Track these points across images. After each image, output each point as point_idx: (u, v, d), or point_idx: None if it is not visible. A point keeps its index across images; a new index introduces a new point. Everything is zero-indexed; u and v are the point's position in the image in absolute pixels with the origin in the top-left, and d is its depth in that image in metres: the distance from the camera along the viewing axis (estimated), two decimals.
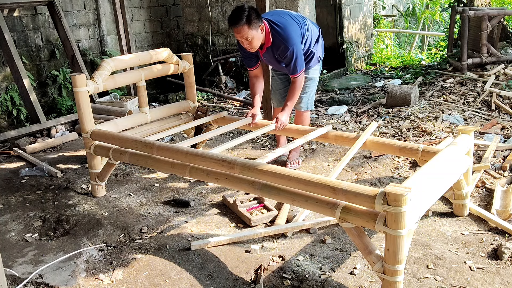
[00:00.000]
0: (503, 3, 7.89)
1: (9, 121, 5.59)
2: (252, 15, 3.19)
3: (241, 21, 3.17)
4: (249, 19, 3.17)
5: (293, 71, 3.43)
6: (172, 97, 6.57)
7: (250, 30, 3.21)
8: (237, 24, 3.18)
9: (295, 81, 3.48)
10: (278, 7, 6.66)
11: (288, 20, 3.43)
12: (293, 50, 3.33)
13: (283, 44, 3.33)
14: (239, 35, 3.24)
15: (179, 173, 3.00)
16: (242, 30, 3.20)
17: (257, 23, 3.22)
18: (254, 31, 3.23)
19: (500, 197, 3.12)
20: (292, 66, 3.39)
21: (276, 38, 3.36)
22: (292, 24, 3.42)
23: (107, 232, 3.01)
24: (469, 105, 5.21)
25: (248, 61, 3.64)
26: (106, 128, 3.46)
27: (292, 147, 3.17)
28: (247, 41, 3.27)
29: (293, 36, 3.36)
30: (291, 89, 3.51)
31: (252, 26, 3.20)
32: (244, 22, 3.17)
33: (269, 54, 3.49)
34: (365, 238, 2.21)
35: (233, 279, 2.48)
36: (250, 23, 3.18)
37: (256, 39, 3.28)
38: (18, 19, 5.70)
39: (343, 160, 2.80)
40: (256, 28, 3.23)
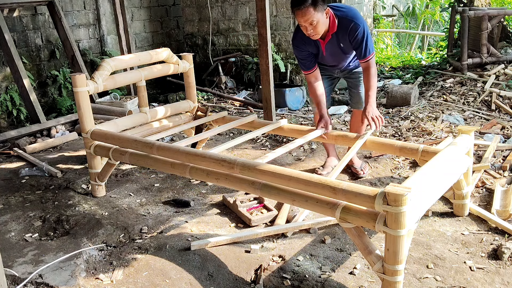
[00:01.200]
0: (503, 3, 7.88)
1: (9, 121, 5.59)
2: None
3: (306, 2, 2.88)
4: (315, 2, 2.90)
5: (365, 53, 3.11)
6: (172, 97, 6.57)
7: (316, 13, 2.92)
8: (302, 5, 2.89)
9: (369, 65, 3.15)
10: (278, 7, 6.67)
11: (350, 6, 3.24)
12: (363, 28, 3.05)
13: (352, 21, 3.05)
14: (303, 19, 2.94)
15: (179, 173, 3.00)
16: (308, 13, 2.90)
17: (322, 6, 2.95)
18: (320, 14, 2.94)
19: (500, 197, 3.12)
20: (364, 46, 3.08)
21: (342, 19, 3.08)
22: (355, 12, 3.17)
23: (107, 232, 3.01)
24: (469, 105, 5.22)
25: (306, 63, 3.31)
26: (106, 128, 3.46)
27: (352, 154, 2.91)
28: (311, 25, 2.96)
29: (359, 16, 3.10)
30: (367, 77, 3.16)
31: (318, 9, 2.92)
32: (309, 3, 2.88)
33: (332, 43, 3.19)
34: (365, 238, 2.21)
35: (233, 279, 2.48)
36: (315, 5, 2.90)
37: (321, 23, 2.99)
38: (18, 19, 5.70)
39: (344, 160, 2.80)
40: (322, 11, 2.95)
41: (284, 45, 6.80)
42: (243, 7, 7.04)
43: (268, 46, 4.42)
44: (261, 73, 4.56)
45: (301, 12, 2.92)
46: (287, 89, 5.89)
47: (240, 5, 7.06)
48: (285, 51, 6.81)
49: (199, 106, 4.11)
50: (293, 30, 6.65)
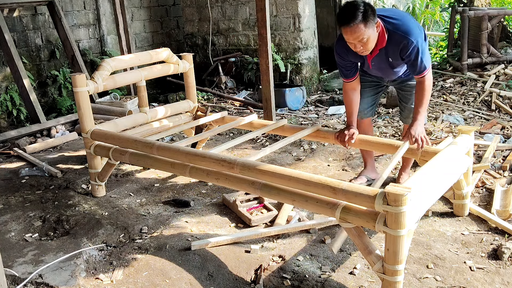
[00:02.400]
0: (503, 3, 7.89)
1: (9, 121, 5.59)
2: (369, 11, 2.62)
3: (356, 19, 2.59)
4: (365, 15, 2.60)
5: (420, 69, 2.81)
6: (172, 97, 6.57)
7: (367, 29, 2.63)
8: (352, 22, 2.60)
9: (424, 81, 2.85)
10: (278, 7, 6.67)
11: (403, 14, 2.92)
12: (417, 43, 2.74)
13: (405, 38, 2.74)
14: (352, 36, 2.66)
15: (179, 173, 3.00)
16: (358, 30, 2.62)
17: (373, 20, 2.65)
18: (371, 30, 2.66)
19: (500, 197, 3.12)
20: (419, 63, 2.78)
21: (394, 34, 2.77)
22: (409, 16, 2.89)
23: (107, 232, 3.01)
24: (469, 105, 5.22)
25: (346, 71, 3.05)
26: (106, 128, 3.46)
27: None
28: (361, 43, 2.69)
29: (414, 27, 2.78)
30: (420, 92, 2.87)
31: (368, 24, 2.63)
32: (360, 20, 2.59)
33: (380, 58, 2.91)
34: (365, 238, 2.21)
35: (233, 279, 2.48)
36: (366, 21, 2.61)
37: (372, 39, 2.71)
38: (18, 19, 5.70)
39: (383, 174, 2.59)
40: (373, 26, 2.66)
41: (284, 45, 6.80)
42: (243, 7, 7.04)
43: (268, 46, 4.43)
44: (261, 73, 4.56)
45: (350, 30, 2.63)
46: (287, 89, 5.89)
47: (240, 5, 7.06)
48: (285, 51, 6.81)
49: (199, 106, 4.11)
50: (293, 30, 6.65)
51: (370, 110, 3.36)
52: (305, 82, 6.75)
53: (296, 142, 4.41)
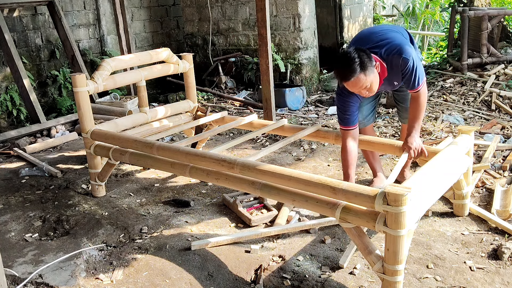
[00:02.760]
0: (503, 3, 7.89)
1: (9, 121, 5.59)
2: (364, 58, 2.55)
3: (355, 72, 2.53)
4: (362, 65, 2.54)
5: (414, 84, 2.78)
6: (172, 97, 6.57)
7: (368, 77, 2.58)
8: (351, 77, 2.54)
9: (419, 96, 2.83)
10: (278, 7, 6.67)
11: (388, 33, 2.87)
12: (411, 59, 2.72)
13: (400, 57, 2.72)
14: (356, 88, 2.61)
15: (179, 173, 3.00)
16: (359, 81, 2.57)
17: (371, 65, 2.60)
18: (372, 76, 2.60)
19: (500, 197, 3.12)
20: (413, 78, 2.76)
21: (391, 59, 2.74)
22: (394, 34, 2.86)
23: (107, 232, 3.01)
24: (469, 105, 5.22)
25: (345, 116, 2.86)
26: (106, 128, 3.46)
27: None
28: (365, 89, 2.64)
29: (403, 44, 2.76)
30: (414, 106, 2.85)
31: (368, 72, 2.57)
32: (359, 71, 2.54)
33: (386, 85, 2.90)
34: (365, 238, 2.21)
35: (233, 279, 2.48)
36: (365, 70, 2.55)
37: (375, 82, 2.65)
38: (18, 19, 5.70)
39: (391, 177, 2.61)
40: (372, 70, 2.61)
41: (284, 45, 6.80)
42: (243, 7, 7.04)
43: (268, 46, 4.43)
44: (261, 73, 4.56)
45: (352, 83, 2.58)
46: (287, 89, 5.89)
47: (240, 5, 7.05)
48: (285, 51, 6.81)
49: (199, 106, 4.11)
50: (293, 30, 6.65)
51: (371, 117, 3.33)
52: (305, 82, 6.75)
53: (296, 142, 4.41)
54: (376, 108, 3.38)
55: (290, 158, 4.16)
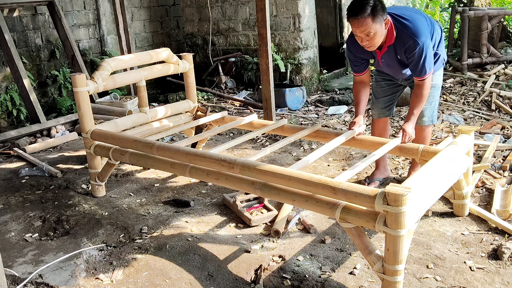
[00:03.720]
0: (503, 3, 7.89)
1: (9, 121, 5.59)
2: (378, 6, 2.67)
3: (365, 12, 2.63)
4: (374, 10, 2.65)
5: (420, 72, 2.85)
6: (172, 97, 6.57)
7: (374, 24, 2.68)
8: (360, 15, 2.65)
9: (422, 85, 2.89)
10: (278, 7, 6.67)
11: (415, 14, 2.92)
12: (422, 46, 2.77)
13: (412, 39, 2.77)
14: (359, 29, 2.71)
15: (179, 173, 2.99)
16: (365, 23, 2.66)
17: (382, 16, 2.70)
18: (378, 25, 2.70)
19: (500, 197, 3.12)
20: (421, 65, 2.81)
21: (402, 33, 2.81)
22: (420, 18, 2.89)
23: (107, 232, 3.01)
24: (469, 105, 5.22)
25: (356, 66, 3.12)
26: (106, 128, 3.46)
27: None
28: (368, 37, 2.73)
29: (422, 30, 2.80)
30: (417, 94, 2.92)
31: (376, 19, 2.67)
32: (368, 13, 2.64)
33: (389, 55, 2.94)
34: (365, 238, 2.21)
35: (233, 279, 2.48)
36: (375, 16, 2.66)
37: (378, 35, 2.75)
38: (18, 19, 5.70)
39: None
40: (381, 22, 2.71)
41: (284, 45, 6.80)
42: (243, 7, 7.04)
43: (268, 46, 4.42)
44: (261, 73, 4.56)
45: (357, 22, 2.68)
46: (287, 89, 5.89)
47: (240, 5, 7.06)
48: (285, 51, 6.81)
49: (199, 106, 4.11)
50: (293, 30, 6.65)
51: (387, 110, 3.36)
52: (305, 82, 6.75)
53: (296, 142, 4.41)
54: (394, 103, 3.39)
55: (290, 158, 4.16)
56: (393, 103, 3.38)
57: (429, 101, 3.13)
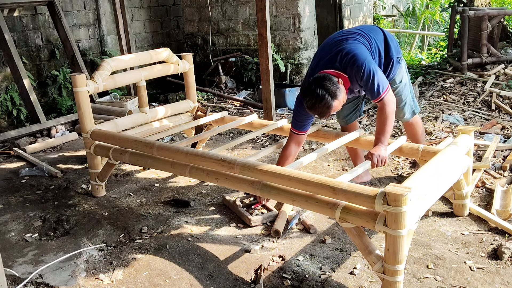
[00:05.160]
0: (503, 3, 7.89)
1: (9, 121, 5.59)
2: (331, 88, 2.60)
3: (330, 106, 2.61)
4: (333, 95, 2.60)
5: (376, 92, 2.70)
6: (172, 97, 6.57)
7: (340, 100, 2.66)
8: (329, 111, 2.64)
9: (383, 106, 2.73)
10: (278, 7, 6.66)
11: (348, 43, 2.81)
12: (365, 67, 2.68)
13: (353, 68, 2.71)
14: (331, 114, 2.71)
15: (179, 173, 2.99)
16: (336, 108, 2.68)
17: (338, 87, 2.64)
18: (343, 94, 2.68)
19: (500, 197, 3.12)
20: (371, 86, 2.70)
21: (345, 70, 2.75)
22: (354, 44, 2.80)
23: (107, 232, 3.01)
24: (469, 105, 5.21)
25: (301, 123, 2.95)
26: (106, 128, 3.46)
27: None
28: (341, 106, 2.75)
29: (360, 55, 2.72)
30: (379, 118, 2.77)
31: (338, 96, 2.63)
32: (333, 104, 2.61)
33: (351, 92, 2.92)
34: (365, 238, 2.21)
35: (233, 279, 2.48)
36: (336, 97, 2.62)
37: (345, 99, 2.74)
38: (18, 19, 5.70)
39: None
40: (340, 91, 2.65)
41: (284, 45, 6.80)
42: (243, 7, 7.04)
43: (268, 46, 4.42)
44: (261, 73, 4.56)
45: (330, 114, 2.69)
46: (287, 89, 5.89)
47: (240, 5, 7.06)
48: (285, 51, 6.81)
49: (199, 106, 4.11)
50: (293, 30, 6.65)
51: (353, 115, 3.34)
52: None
53: None
54: (359, 106, 3.36)
55: None
56: (358, 107, 3.33)
57: (403, 99, 3.10)
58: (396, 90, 3.07)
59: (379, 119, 2.78)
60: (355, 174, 2.52)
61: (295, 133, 2.99)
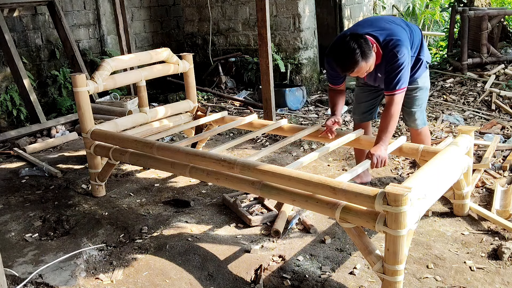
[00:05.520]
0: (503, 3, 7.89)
1: (9, 121, 5.59)
2: (364, 47, 2.58)
3: (357, 63, 2.59)
4: (363, 54, 2.58)
5: (392, 85, 2.72)
6: (172, 97, 6.57)
7: (368, 63, 2.63)
8: (354, 68, 2.61)
9: (392, 101, 2.74)
10: (278, 7, 6.66)
11: (393, 25, 2.84)
12: (402, 60, 2.69)
13: (392, 51, 2.70)
14: (356, 74, 2.70)
15: (179, 173, 2.99)
16: (361, 70, 2.64)
17: (371, 51, 2.63)
18: (372, 60, 2.65)
19: (500, 197, 3.12)
20: (393, 78, 2.70)
21: (385, 50, 2.73)
22: (399, 29, 2.81)
23: (107, 232, 3.01)
24: (469, 105, 5.22)
25: (334, 80, 3.04)
26: (106, 128, 3.46)
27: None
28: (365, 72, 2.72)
29: (403, 42, 2.72)
30: (386, 114, 2.76)
31: (368, 59, 2.61)
32: (360, 61, 2.58)
33: (373, 72, 2.88)
34: (365, 238, 2.21)
35: (233, 279, 2.48)
36: (366, 58, 2.60)
37: (373, 64, 2.71)
38: (18, 19, 5.70)
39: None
40: (372, 55, 2.64)
41: (284, 45, 6.80)
42: (243, 7, 7.04)
43: (268, 46, 4.42)
44: (261, 73, 4.56)
45: (353, 73, 2.67)
46: (287, 89, 5.89)
47: (240, 5, 7.05)
48: (285, 51, 6.81)
49: (199, 106, 4.11)
50: (293, 30, 6.65)
51: (368, 114, 3.33)
52: (305, 82, 6.75)
53: (296, 142, 4.41)
54: (376, 107, 3.36)
55: (290, 158, 4.15)
56: (374, 108, 3.34)
57: (419, 103, 3.11)
58: (416, 92, 3.07)
59: (384, 117, 2.78)
60: (355, 173, 2.52)
61: (332, 87, 3.12)
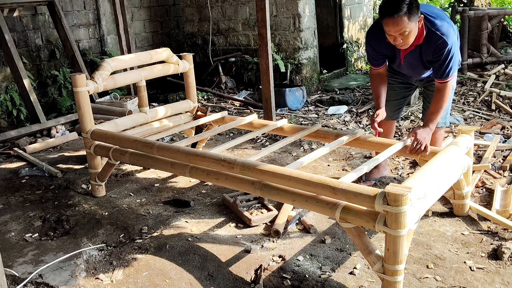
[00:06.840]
0: (503, 3, 7.89)
1: (9, 121, 5.59)
2: (413, 4, 2.56)
3: (401, 11, 2.52)
4: (410, 8, 2.54)
5: (444, 74, 2.74)
6: (172, 97, 6.57)
7: (410, 23, 2.57)
8: (396, 14, 2.53)
9: (444, 88, 2.78)
10: (278, 7, 6.67)
11: (442, 13, 2.83)
12: (451, 47, 2.69)
13: (441, 38, 2.68)
14: (394, 29, 2.59)
15: (179, 173, 2.99)
16: (401, 23, 2.56)
17: (417, 14, 2.60)
18: (413, 24, 2.60)
19: (500, 197, 3.12)
20: (446, 67, 2.72)
21: (431, 32, 2.70)
22: (447, 18, 2.80)
23: (107, 232, 3.01)
24: (469, 105, 5.22)
25: (375, 60, 3.03)
26: (106, 128, 3.46)
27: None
28: (402, 36, 2.62)
29: (452, 31, 2.73)
30: (438, 98, 2.79)
31: (412, 18, 2.56)
32: (404, 12, 2.53)
33: (413, 55, 2.84)
34: (365, 238, 2.21)
35: (233, 279, 2.48)
36: (411, 13, 2.55)
37: (413, 34, 2.65)
38: (18, 19, 5.70)
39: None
40: (416, 20, 2.60)
41: (284, 45, 6.80)
42: (243, 7, 7.04)
43: (268, 46, 4.42)
44: (261, 73, 4.56)
45: (393, 21, 2.57)
46: (287, 89, 5.89)
47: (240, 5, 7.06)
48: (285, 51, 6.81)
49: (199, 106, 4.11)
50: (293, 30, 6.65)
51: (396, 113, 3.34)
52: (305, 82, 6.75)
53: (296, 142, 4.41)
54: (403, 106, 3.39)
55: (290, 158, 4.16)
56: (402, 107, 3.37)
57: None
58: None
59: (437, 99, 2.80)
60: (360, 173, 2.50)
61: (374, 69, 3.11)
